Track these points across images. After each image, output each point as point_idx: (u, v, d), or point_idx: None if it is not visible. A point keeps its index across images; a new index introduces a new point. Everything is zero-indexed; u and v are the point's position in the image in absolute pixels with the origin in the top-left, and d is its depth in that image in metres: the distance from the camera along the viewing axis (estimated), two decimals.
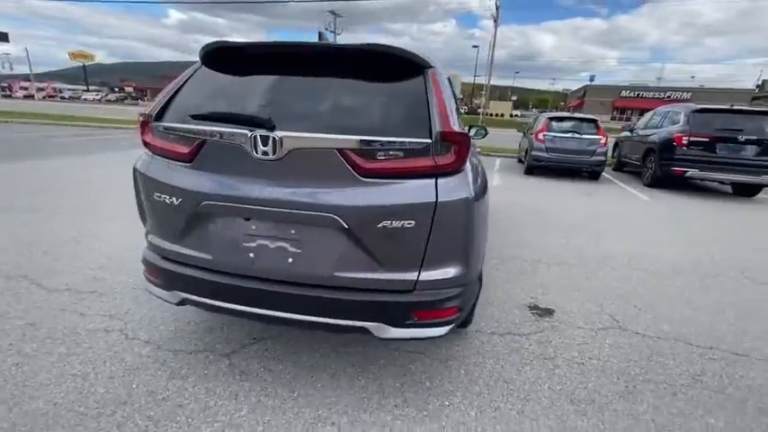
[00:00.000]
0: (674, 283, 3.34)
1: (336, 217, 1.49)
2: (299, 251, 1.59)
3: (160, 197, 1.71)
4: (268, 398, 1.81)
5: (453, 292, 1.63)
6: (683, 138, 7.23)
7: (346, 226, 1.49)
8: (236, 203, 1.58)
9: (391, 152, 1.49)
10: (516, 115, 58.36)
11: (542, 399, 1.89)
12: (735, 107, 7.40)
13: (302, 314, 1.62)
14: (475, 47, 44.40)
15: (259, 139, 1.49)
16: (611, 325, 2.61)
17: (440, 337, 1.65)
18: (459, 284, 1.64)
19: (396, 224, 1.48)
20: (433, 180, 1.52)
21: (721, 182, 7.78)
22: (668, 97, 50.40)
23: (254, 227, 1.62)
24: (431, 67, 1.68)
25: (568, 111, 64.54)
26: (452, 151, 1.53)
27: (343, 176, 1.50)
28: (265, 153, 1.50)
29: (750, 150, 6.97)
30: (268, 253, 1.61)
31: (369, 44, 1.58)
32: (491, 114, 44.28)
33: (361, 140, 1.47)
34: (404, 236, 1.51)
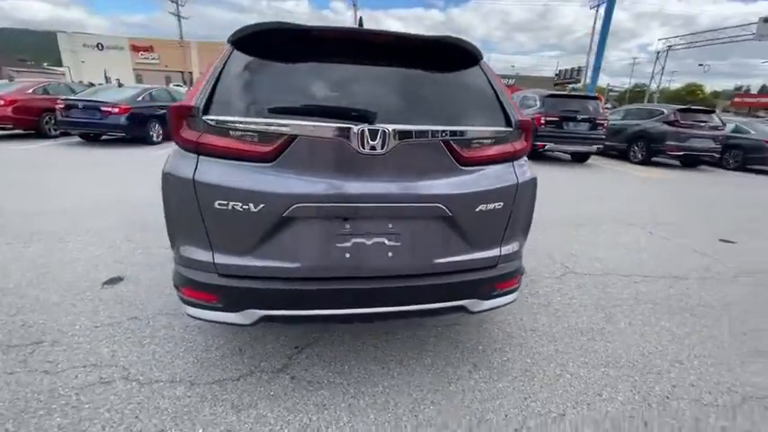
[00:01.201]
0: (581, 233, 4.30)
1: (441, 206, 1.55)
2: (398, 244, 1.58)
3: (227, 205, 1.45)
4: (357, 398, 1.77)
5: (519, 262, 1.87)
6: (541, 118, 8.95)
7: (450, 214, 1.57)
8: (334, 203, 1.47)
9: (483, 140, 1.61)
10: None
11: (563, 337, 2.32)
12: (573, 93, 9.50)
13: (403, 305, 1.64)
14: None
15: (367, 133, 1.42)
16: (565, 271, 3.27)
17: (513, 302, 1.89)
18: (520, 255, 1.90)
19: (489, 207, 1.63)
20: (512, 164, 1.70)
21: (565, 152, 9.95)
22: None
23: (347, 226, 1.54)
24: (482, 57, 1.82)
25: None
26: (523, 137, 1.73)
27: (446, 166, 1.56)
28: (373, 148, 1.44)
29: (584, 127, 9.10)
30: (366, 250, 1.56)
31: (440, 36, 1.63)
32: None
33: (460, 131, 1.54)
34: (493, 217, 1.67)
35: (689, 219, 5.27)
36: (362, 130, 1.42)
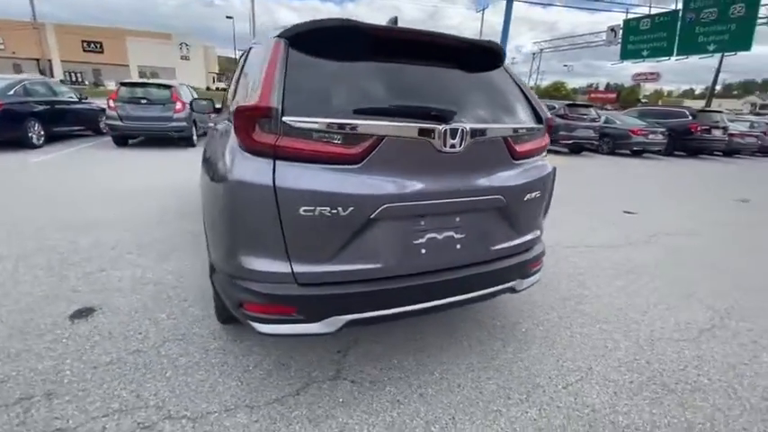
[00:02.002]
0: None
1: (501, 197, 1.69)
2: (463, 236, 1.68)
3: (314, 211, 1.38)
4: (423, 387, 1.84)
5: (543, 244, 2.12)
6: None
7: (505, 204, 1.72)
8: (417, 201, 1.51)
9: (526, 136, 1.79)
10: None
11: (558, 305, 2.69)
12: None
13: (468, 293, 1.75)
14: (229, 17, 41.37)
15: (449, 132, 1.48)
16: None
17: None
18: (542, 239, 2.15)
19: (533, 195, 1.83)
20: (543, 156, 1.92)
21: None
22: None
23: (422, 222, 1.58)
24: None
25: None
26: (547, 133, 1.97)
27: (504, 160, 1.70)
28: (452, 146, 1.51)
29: None
30: (438, 245, 1.63)
31: (482, 39, 1.75)
32: None
33: (515, 128, 1.70)
34: (534, 205, 1.87)
35: (595, 195, 6.33)
36: (446, 130, 1.48)
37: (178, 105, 8.11)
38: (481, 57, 1.81)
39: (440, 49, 1.70)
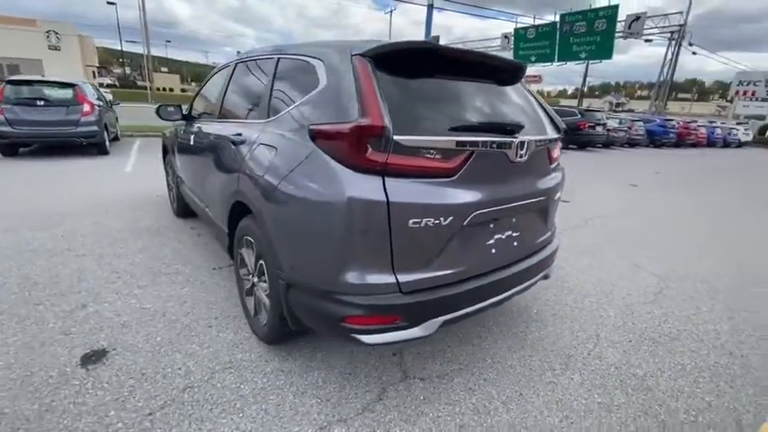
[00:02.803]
0: None
1: (544, 198, 1.96)
2: (518, 234, 1.91)
3: (421, 223, 1.46)
4: (485, 372, 2.03)
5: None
6: None
7: (546, 204, 1.99)
8: (495, 207, 1.68)
9: (555, 144, 2.08)
10: (185, 90, 52.96)
11: (561, 280, 3.10)
12: None
13: (522, 283, 1.98)
14: (111, 3, 36.12)
15: (519, 143, 1.67)
16: None
17: None
18: None
19: (558, 195, 2.13)
20: (559, 161, 2.24)
21: None
22: None
23: (492, 225, 1.77)
24: None
25: None
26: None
27: (545, 166, 1.96)
28: (521, 156, 1.71)
29: None
30: (502, 244, 1.83)
31: (516, 60, 1.98)
32: (158, 89, 38.33)
33: (553, 137, 1.97)
34: (558, 202, 2.18)
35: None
36: (519, 142, 1.68)
37: (86, 107, 7.00)
38: (512, 73, 2.05)
39: (488, 68, 1.89)
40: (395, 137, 1.41)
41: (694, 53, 26.56)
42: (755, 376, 2.14)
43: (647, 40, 25.13)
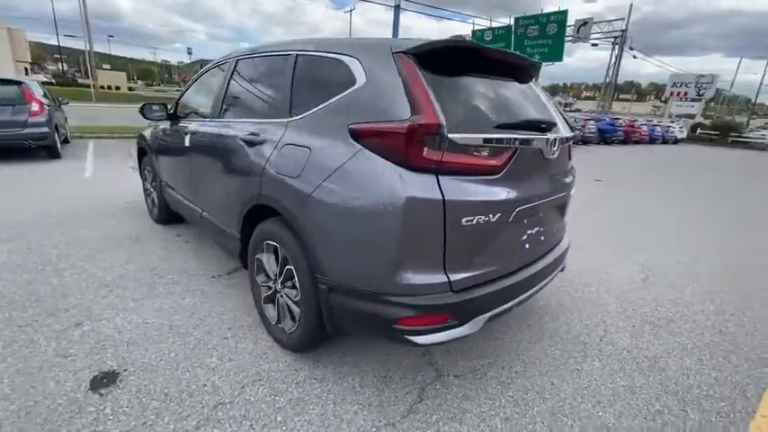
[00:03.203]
0: None
1: (566, 193, 2.03)
2: (544, 229, 1.97)
3: (473, 220, 1.47)
4: (515, 365, 2.08)
5: None
6: None
7: (566, 200, 2.07)
8: (534, 203, 1.72)
9: (571, 141, 2.16)
10: (132, 88, 49.23)
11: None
12: None
13: (548, 276, 2.04)
14: None
15: (552, 140, 1.72)
16: None
17: None
18: None
19: (573, 190, 2.22)
20: None
21: None
22: None
23: (526, 220, 1.81)
24: None
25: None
26: None
27: (567, 163, 2.04)
28: (553, 153, 1.76)
29: None
30: (533, 239, 1.87)
31: (531, 58, 2.04)
32: (102, 87, 35.40)
33: (571, 137, 2.04)
34: (571, 198, 2.28)
35: None
36: (553, 139, 1.73)
37: (34, 107, 6.36)
38: (530, 71, 2.09)
39: (514, 66, 1.92)
40: (448, 135, 1.41)
41: (634, 57, 28.71)
42: (745, 351, 2.35)
43: (593, 44, 26.80)
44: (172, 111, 3.22)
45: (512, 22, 26.83)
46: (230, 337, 2.16)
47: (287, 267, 1.89)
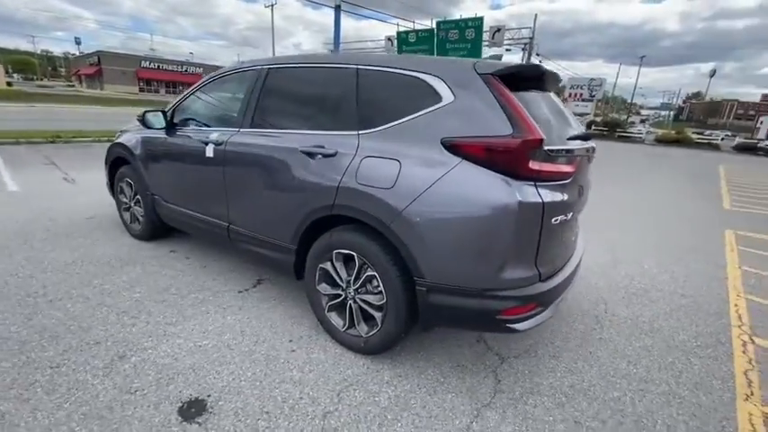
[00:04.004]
0: None
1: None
2: (576, 225, 2.31)
3: (558, 220, 1.72)
4: (562, 353, 2.41)
5: None
6: None
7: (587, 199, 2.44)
8: (583, 203, 2.03)
9: None
10: (11, 83, 40.98)
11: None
12: None
13: (578, 270, 2.39)
14: None
15: (592, 148, 2.05)
16: None
17: None
18: None
19: None
20: None
21: None
22: (186, 71, 55.06)
23: (575, 217, 2.11)
24: None
25: (89, 80, 52.75)
26: None
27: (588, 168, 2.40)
28: (591, 159, 2.08)
29: None
30: (574, 233, 2.20)
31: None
32: None
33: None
34: None
35: None
36: (592, 147, 2.05)
37: None
38: (555, 82, 2.39)
39: (552, 81, 2.20)
40: (546, 147, 1.64)
41: (540, 61, 32.19)
42: (706, 309, 2.99)
43: (507, 49, 29.38)
44: (169, 119, 2.99)
45: (434, 26, 28.29)
46: (297, 349, 2.16)
47: (366, 274, 1.97)
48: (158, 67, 54.41)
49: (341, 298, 2.14)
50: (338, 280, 2.12)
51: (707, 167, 14.20)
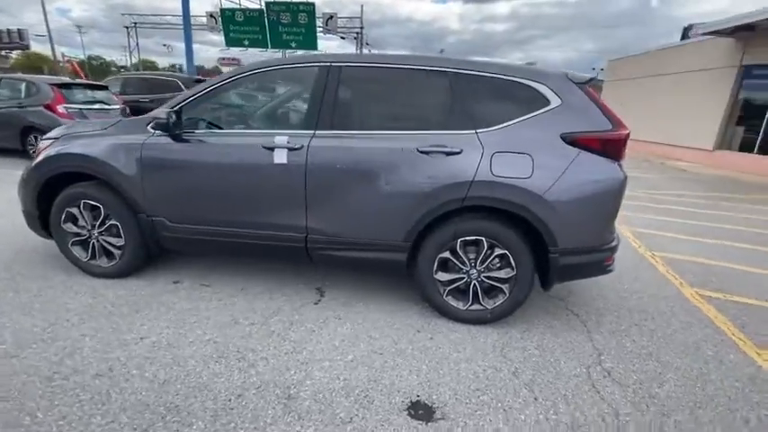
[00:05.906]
0: None
1: None
2: None
3: (624, 190, 2.42)
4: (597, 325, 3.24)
5: None
6: None
7: None
8: None
9: None
10: None
11: None
12: None
13: None
14: None
15: None
16: None
17: None
18: None
19: None
20: None
21: None
22: None
23: None
24: None
25: None
26: None
27: None
28: None
29: None
30: None
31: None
32: None
33: None
34: None
35: None
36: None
37: None
38: None
39: None
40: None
41: (370, 50, 34.71)
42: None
43: (342, 37, 30.48)
44: (175, 122, 2.43)
45: (263, 6, 26.70)
46: (433, 336, 2.32)
47: (496, 253, 2.29)
48: None
49: (462, 281, 2.39)
50: (461, 266, 2.36)
51: None
